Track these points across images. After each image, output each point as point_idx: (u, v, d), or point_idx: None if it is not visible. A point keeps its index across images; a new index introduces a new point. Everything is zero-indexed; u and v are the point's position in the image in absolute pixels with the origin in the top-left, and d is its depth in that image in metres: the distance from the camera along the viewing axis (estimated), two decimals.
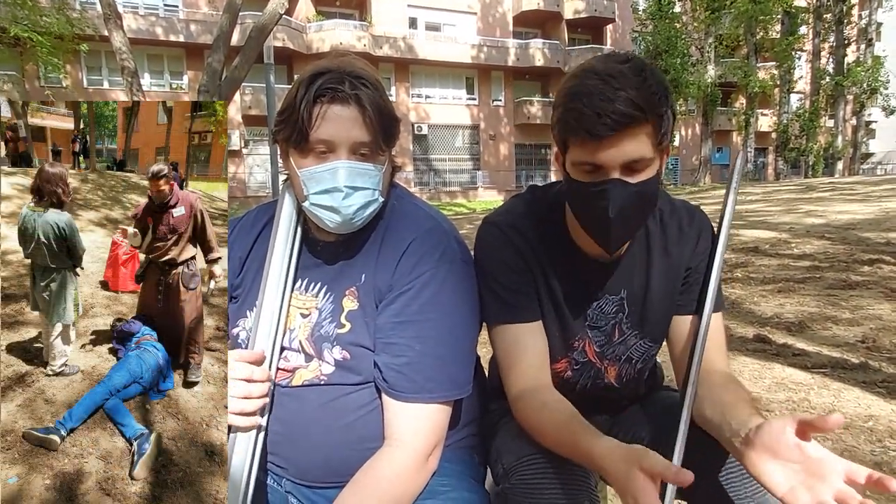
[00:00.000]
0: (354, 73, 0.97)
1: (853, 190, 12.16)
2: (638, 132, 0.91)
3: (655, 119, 0.91)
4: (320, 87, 0.95)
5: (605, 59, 0.94)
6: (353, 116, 0.96)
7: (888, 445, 2.03)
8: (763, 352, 3.12)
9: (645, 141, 0.92)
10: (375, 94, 0.97)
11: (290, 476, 1.08)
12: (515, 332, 1.08)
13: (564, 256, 1.10)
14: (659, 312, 1.12)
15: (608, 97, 0.88)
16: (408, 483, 0.95)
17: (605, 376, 1.17)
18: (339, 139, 0.96)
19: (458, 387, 1.01)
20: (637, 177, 0.94)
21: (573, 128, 0.92)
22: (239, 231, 1.17)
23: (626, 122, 0.89)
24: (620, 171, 0.93)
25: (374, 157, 0.99)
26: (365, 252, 1.06)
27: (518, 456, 0.99)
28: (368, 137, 0.97)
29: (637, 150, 0.92)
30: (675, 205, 1.14)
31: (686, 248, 1.10)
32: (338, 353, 1.02)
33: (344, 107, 0.95)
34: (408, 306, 1.00)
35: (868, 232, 6.56)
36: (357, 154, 0.98)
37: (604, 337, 1.13)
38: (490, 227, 1.12)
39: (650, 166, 0.95)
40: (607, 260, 1.09)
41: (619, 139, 0.90)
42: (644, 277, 1.11)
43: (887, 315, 3.56)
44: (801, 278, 4.72)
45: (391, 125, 1.00)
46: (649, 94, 0.90)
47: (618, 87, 0.89)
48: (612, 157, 0.92)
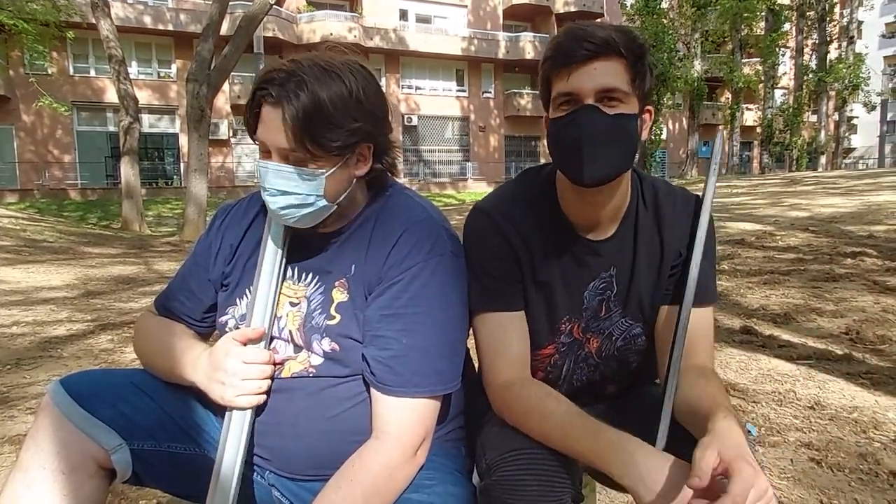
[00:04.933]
0: (299, 74, 0.93)
1: (836, 184, 12.31)
2: (613, 61, 0.96)
3: (631, 57, 0.96)
4: (258, 87, 0.95)
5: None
6: (276, 120, 0.93)
7: (872, 436, 2.06)
8: (749, 343, 3.16)
9: (620, 72, 0.96)
10: (312, 95, 0.92)
11: (273, 468, 1.06)
12: (500, 319, 1.07)
13: (557, 236, 1.09)
14: (642, 292, 1.11)
15: (587, 30, 0.96)
16: (394, 476, 0.94)
17: (586, 346, 1.16)
18: (268, 142, 0.96)
19: (446, 381, 1.00)
20: (613, 109, 0.97)
21: (553, 58, 0.98)
22: (231, 218, 1.16)
23: (602, 47, 0.95)
24: (595, 99, 0.96)
25: (306, 163, 0.96)
26: (355, 243, 1.05)
27: (500, 451, 0.97)
28: (287, 145, 0.94)
29: (611, 79, 0.96)
30: (671, 188, 1.14)
31: (678, 233, 1.10)
32: (327, 344, 1.01)
33: (272, 108, 0.94)
34: (396, 299, 0.98)
35: (851, 225, 6.66)
36: (287, 159, 0.96)
37: (591, 313, 1.13)
38: (477, 213, 1.12)
39: (626, 103, 0.97)
40: (601, 238, 1.09)
41: (593, 64, 0.95)
42: (631, 255, 1.11)
43: (870, 307, 3.62)
44: (786, 270, 4.79)
45: (328, 130, 0.94)
46: (627, 37, 0.96)
47: (600, 26, 0.97)
48: (585, 82, 0.96)
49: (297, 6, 25.50)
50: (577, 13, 29.13)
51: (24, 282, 5.56)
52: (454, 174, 28.72)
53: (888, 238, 5.80)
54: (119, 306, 4.64)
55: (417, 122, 27.63)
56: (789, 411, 2.31)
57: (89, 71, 22.86)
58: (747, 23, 27.42)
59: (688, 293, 1.05)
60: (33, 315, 4.21)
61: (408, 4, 27.63)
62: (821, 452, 1.95)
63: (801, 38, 30.05)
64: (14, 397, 2.62)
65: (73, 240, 10.02)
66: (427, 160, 28.44)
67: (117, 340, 3.58)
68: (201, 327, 1.17)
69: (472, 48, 27.94)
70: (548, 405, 0.97)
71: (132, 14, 22.44)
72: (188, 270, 1.16)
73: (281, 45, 23.99)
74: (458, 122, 29.23)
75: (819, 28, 29.39)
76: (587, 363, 1.18)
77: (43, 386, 2.76)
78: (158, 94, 23.83)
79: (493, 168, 29.18)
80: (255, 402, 0.99)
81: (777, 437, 2.09)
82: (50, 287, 5.39)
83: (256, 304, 1.03)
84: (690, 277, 1.05)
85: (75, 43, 18.19)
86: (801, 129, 30.30)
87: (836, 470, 1.85)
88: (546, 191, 1.11)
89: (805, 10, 29.44)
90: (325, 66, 0.95)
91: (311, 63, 0.95)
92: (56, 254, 8.04)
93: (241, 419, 1.00)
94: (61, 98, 19.28)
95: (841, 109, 32.18)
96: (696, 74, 25.76)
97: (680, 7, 26.34)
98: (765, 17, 27.97)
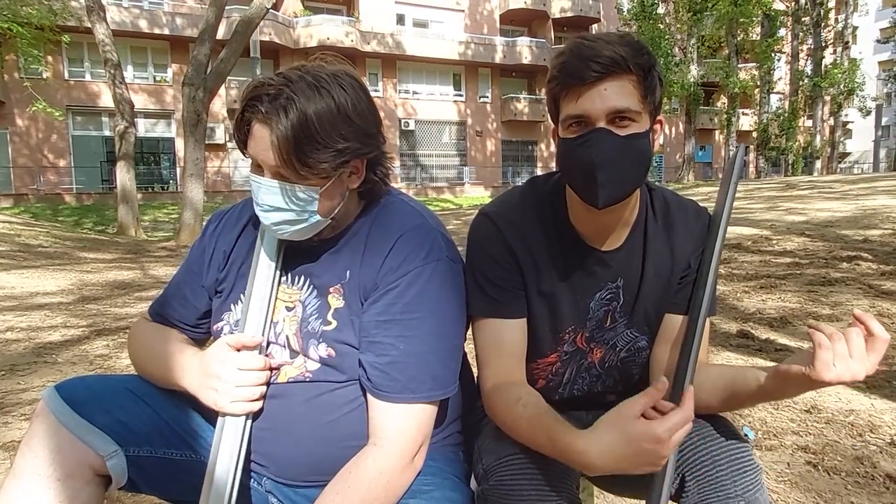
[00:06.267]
0: (286, 91, 0.90)
1: (831, 188, 12.36)
2: (622, 80, 0.93)
3: (640, 72, 0.94)
4: (247, 101, 0.93)
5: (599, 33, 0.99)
6: (265, 139, 0.92)
7: (868, 439, 2.07)
8: (746, 347, 3.16)
9: (631, 91, 0.94)
10: (299, 118, 0.89)
11: (270, 474, 1.06)
12: (496, 326, 1.07)
13: (564, 246, 1.08)
14: (649, 304, 1.10)
15: (594, 48, 0.93)
16: (392, 483, 0.94)
17: (589, 357, 1.15)
18: (259, 159, 0.95)
19: (443, 387, 1.00)
20: (624, 130, 0.95)
21: (560, 79, 0.95)
22: (224, 224, 1.15)
23: (610, 67, 0.92)
24: (606, 121, 0.94)
25: (299, 181, 0.95)
26: (350, 249, 1.05)
27: (498, 456, 0.98)
28: (275, 162, 0.93)
29: (622, 99, 0.93)
30: (682, 200, 1.13)
31: (689, 245, 1.09)
32: (323, 350, 1.01)
33: (261, 126, 0.93)
34: (393, 305, 0.98)
35: (846, 229, 6.69)
36: (279, 176, 0.95)
37: (595, 323, 1.12)
38: (483, 218, 1.11)
39: (638, 122, 0.95)
40: (609, 249, 1.09)
41: (603, 85, 0.93)
42: (640, 266, 1.10)
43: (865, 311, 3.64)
44: (782, 274, 4.80)
45: (317, 150, 0.91)
46: (634, 50, 0.94)
47: (605, 41, 0.94)
48: (595, 105, 0.93)
49: (294, 10, 25.52)
50: (574, 18, 29.26)
51: (19, 287, 5.53)
52: (451, 179, 28.73)
53: (883, 242, 5.83)
54: (115, 311, 4.62)
55: (414, 127, 27.64)
56: (786, 415, 2.31)
57: (85, 75, 22.80)
58: (743, 28, 27.60)
59: (703, 310, 1.03)
60: (28, 321, 4.19)
61: (405, 9, 27.67)
62: (817, 456, 1.96)
63: (796, 44, 30.22)
64: (8, 403, 2.60)
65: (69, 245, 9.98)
66: (424, 165, 28.45)
67: (113, 346, 3.56)
68: (196, 333, 1.16)
69: (469, 53, 27.99)
70: (517, 409, 0.97)
71: (128, 18, 22.42)
72: (182, 277, 1.16)
73: (278, 49, 24.01)
74: (456, 126, 29.26)
75: (814, 33, 29.56)
76: (589, 373, 1.17)
77: (38, 392, 2.74)
78: (154, 98, 23.79)
79: (491, 172, 29.21)
80: (249, 409, 0.99)
81: (774, 440, 2.09)
82: (45, 292, 5.37)
83: (251, 309, 1.03)
84: (706, 293, 1.04)
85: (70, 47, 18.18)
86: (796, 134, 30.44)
87: (833, 473, 1.85)
88: (554, 200, 1.11)
89: (800, 15, 29.61)
90: (313, 81, 0.93)
91: (300, 77, 0.93)
92: (51, 259, 8.01)
93: (236, 426, 0.99)
94: (56, 102, 19.24)
95: (836, 114, 32.32)
96: (693, 79, 25.87)
97: (676, 12, 26.46)
98: (760, 22, 28.15)
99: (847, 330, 0.84)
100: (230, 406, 0.97)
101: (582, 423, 0.91)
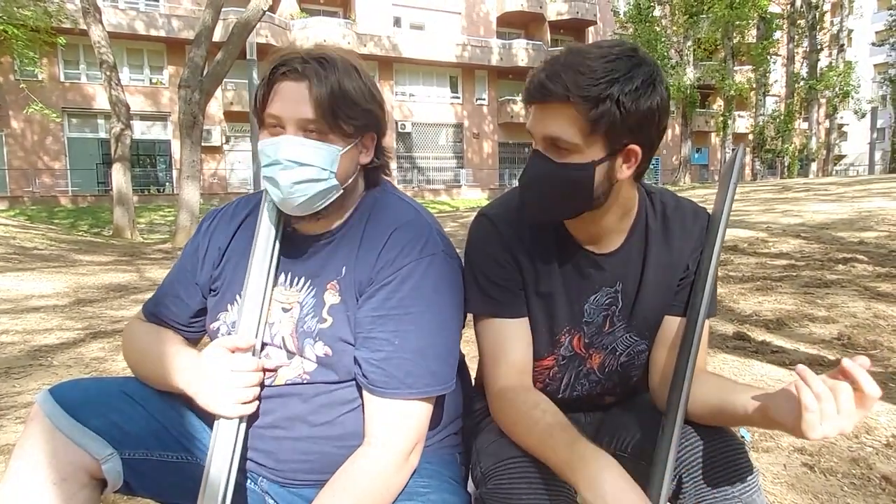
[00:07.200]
0: (317, 54, 0.98)
1: (827, 190, 12.39)
2: (557, 111, 0.91)
3: (583, 104, 0.88)
4: (277, 64, 0.97)
5: (600, 42, 0.96)
6: (300, 93, 0.96)
7: (864, 441, 2.07)
8: (742, 349, 3.17)
9: (564, 123, 0.91)
10: (334, 75, 0.96)
11: (267, 474, 1.06)
12: (500, 326, 1.07)
13: (559, 247, 1.08)
14: (649, 307, 1.10)
15: (545, 69, 0.92)
16: (387, 482, 0.93)
17: (588, 363, 1.15)
18: (286, 115, 0.96)
19: (439, 381, 0.99)
20: (562, 157, 0.94)
21: (524, 91, 0.97)
22: (219, 221, 1.15)
23: (541, 95, 0.92)
24: (544, 145, 0.95)
25: (325, 137, 0.98)
26: (346, 244, 1.04)
27: (496, 460, 0.97)
28: (313, 115, 0.95)
29: (556, 129, 0.92)
30: (681, 202, 1.13)
31: (687, 247, 1.09)
32: (320, 348, 1.01)
33: (295, 83, 0.96)
34: (388, 300, 0.98)
35: (842, 231, 6.71)
36: (306, 131, 0.97)
37: (594, 328, 1.12)
38: (482, 218, 1.12)
39: (577, 152, 0.93)
40: (605, 252, 1.08)
41: (541, 111, 0.94)
42: (639, 270, 1.09)
43: (861, 313, 3.65)
44: (778, 277, 4.81)
45: (348, 107, 0.97)
46: (588, 79, 0.87)
47: (564, 62, 0.90)
48: (535, 127, 0.96)
49: (291, 13, 25.51)
50: (570, 21, 29.36)
51: (14, 289, 5.50)
52: (448, 181, 28.74)
53: (879, 244, 5.85)
54: (110, 314, 4.60)
55: (411, 129, 27.66)
56: None
57: (80, 77, 22.75)
58: (739, 31, 27.68)
59: (702, 312, 1.03)
60: (23, 323, 4.17)
61: (401, 11, 27.70)
62: (813, 457, 1.96)
63: (792, 47, 30.38)
64: (3, 407, 2.59)
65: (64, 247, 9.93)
66: (421, 167, 28.46)
67: (108, 349, 3.54)
68: (189, 332, 1.15)
69: (466, 55, 28.04)
70: (534, 415, 0.96)
71: (124, 20, 22.39)
72: (175, 275, 1.15)
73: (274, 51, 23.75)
74: (452, 128, 29.29)
75: (810, 36, 29.70)
76: (588, 379, 1.17)
77: (33, 395, 2.72)
78: (150, 100, 23.75)
79: (487, 175, 29.24)
80: (243, 412, 0.99)
81: (770, 442, 2.09)
82: (40, 295, 5.34)
83: (246, 310, 1.02)
84: (705, 294, 1.03)
85: (66, 49, 18.14)
86: (792, 137, 30.55)
87: (829, 475, 1.85)
88: None
89: (796, 18, 29.75)
90: (342, 55, 1.01)
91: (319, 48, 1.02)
92: (47, 261, 7.97)
93: (231, 428, 0.99)
94: (52, 104, 19.17)
95: (831, 117, 32.46)
96: (689, 82, 25.98)
97: (672, 15, 26.57)
98: (756, 25, 28.26)
99: (836, 386, 0.78)
100: (223, 408, 0.97)
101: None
